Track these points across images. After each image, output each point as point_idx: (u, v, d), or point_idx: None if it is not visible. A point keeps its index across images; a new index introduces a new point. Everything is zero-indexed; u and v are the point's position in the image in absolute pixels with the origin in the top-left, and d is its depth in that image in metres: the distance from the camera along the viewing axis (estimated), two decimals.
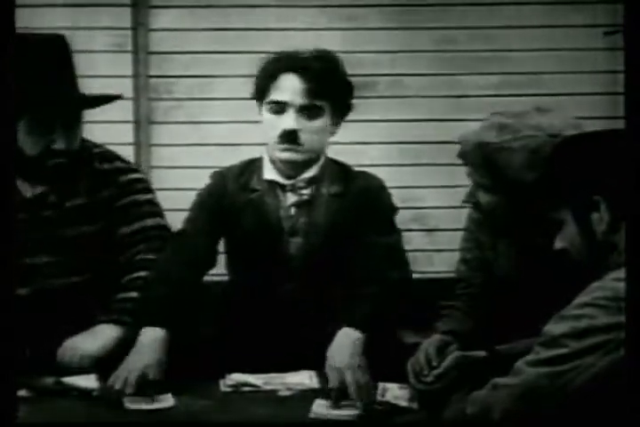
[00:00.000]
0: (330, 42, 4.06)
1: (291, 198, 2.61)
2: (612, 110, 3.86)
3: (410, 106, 4.08)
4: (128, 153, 3.14)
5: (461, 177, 2.44)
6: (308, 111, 2.54)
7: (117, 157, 2.68)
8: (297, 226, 2.59)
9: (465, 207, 2.52)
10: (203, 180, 2.72)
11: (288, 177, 2.60)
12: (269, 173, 2.62)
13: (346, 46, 4.08)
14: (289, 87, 2.54)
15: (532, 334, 1.89)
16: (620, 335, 1.71)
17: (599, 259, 1.88)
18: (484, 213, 2.36)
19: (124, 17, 4.05)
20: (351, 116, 2.73)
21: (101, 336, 2.42)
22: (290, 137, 2.53)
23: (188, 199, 2.74)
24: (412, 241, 3.72)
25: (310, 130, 2.55)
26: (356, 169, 2.71)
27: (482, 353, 2.19)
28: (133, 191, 2.62)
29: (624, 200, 1.81)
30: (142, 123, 4.03)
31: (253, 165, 2.67)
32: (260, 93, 2.60)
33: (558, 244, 1.95)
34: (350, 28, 4.11)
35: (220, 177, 2.68)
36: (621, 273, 1.77)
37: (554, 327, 1.78)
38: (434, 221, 4.07)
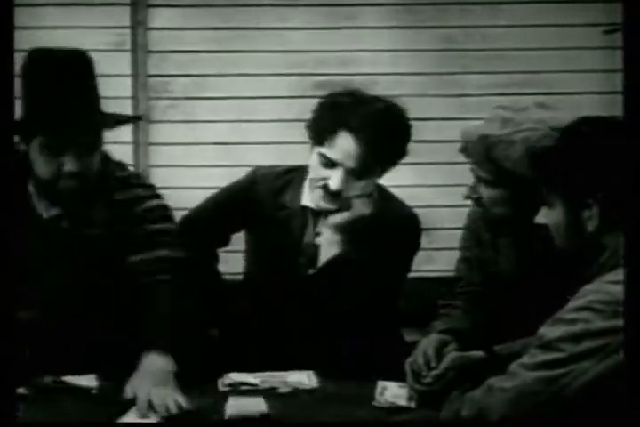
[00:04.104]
0: (328, 41, 4.07)
1: (319, 224, 2.52)
2: (611, 109, 3.85)
3: (410, 105, 4.07)
4: (126, 152, 3.13)
5: (461, 176, 2.44)
6: (358, 173, 2.40)
7: (138, 184, 2.52)
8: (318, 254, 2.52)
9: (464, 206, 2.52)
10: (201, 178, 2.72)
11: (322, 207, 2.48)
12: (304, 199, 2.52)
13: (345, 45, 4.09)
14: (344, 148, 2.38)
15: (531, 333, 1.89)
16: (616, 340, 1.70)
17: (586, 257, 1.85)
18: (486, 209, 2.34)
19: (123, 16, 4.05)
20: None
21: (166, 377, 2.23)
22: (332, 194, 2.42)
23: (187, 198, 2.74)
24: None
25: (355, 188, 2.43)
26: (394, 197, 2.60)
27: (480, 353, 2.19)
28: (148, 221, 2.47)
29: (618, 206, 1.79)
30: (141, 122, 4.03)
31: (291, 178, 2.56)
32: (315, 139, 2.45)
33: (540, 218, 1.92)
34: (349, 28, 4.10)
35: (251, 182, 2.58)
36: (615, 276, 1.76)
37: (549, 331, 1.77)
38: (433, 221, 4.05)
